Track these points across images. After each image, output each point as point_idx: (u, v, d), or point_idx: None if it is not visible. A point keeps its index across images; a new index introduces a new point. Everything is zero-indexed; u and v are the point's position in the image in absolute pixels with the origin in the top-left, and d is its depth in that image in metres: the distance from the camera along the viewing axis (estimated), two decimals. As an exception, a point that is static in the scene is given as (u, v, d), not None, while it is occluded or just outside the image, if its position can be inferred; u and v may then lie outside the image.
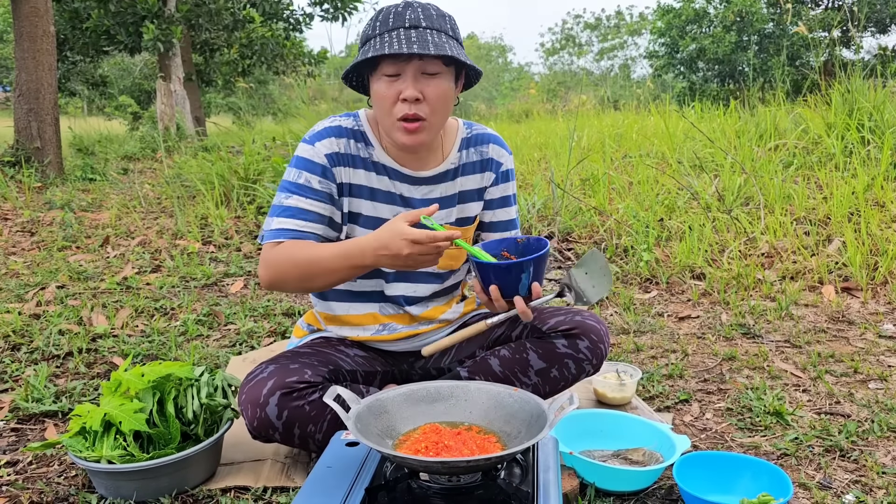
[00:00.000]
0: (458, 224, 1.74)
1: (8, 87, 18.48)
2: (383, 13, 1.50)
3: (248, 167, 5.23)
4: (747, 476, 1.54)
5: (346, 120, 1.65)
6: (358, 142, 1.63)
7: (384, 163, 1.64)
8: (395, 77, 1.49)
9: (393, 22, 1.47)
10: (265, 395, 1.50)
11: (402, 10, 1.49)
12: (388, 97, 1.50)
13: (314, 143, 1.60)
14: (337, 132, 1.62)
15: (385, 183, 1.65)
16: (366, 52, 1.47)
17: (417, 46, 1.42)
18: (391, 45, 1.43)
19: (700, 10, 15.60)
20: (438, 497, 1.19)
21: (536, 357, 1.66)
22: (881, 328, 2.66)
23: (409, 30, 1.46)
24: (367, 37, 1.52)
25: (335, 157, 1.60)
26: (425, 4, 1.51)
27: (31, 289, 3.27)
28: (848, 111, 4.81)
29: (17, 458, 1.80)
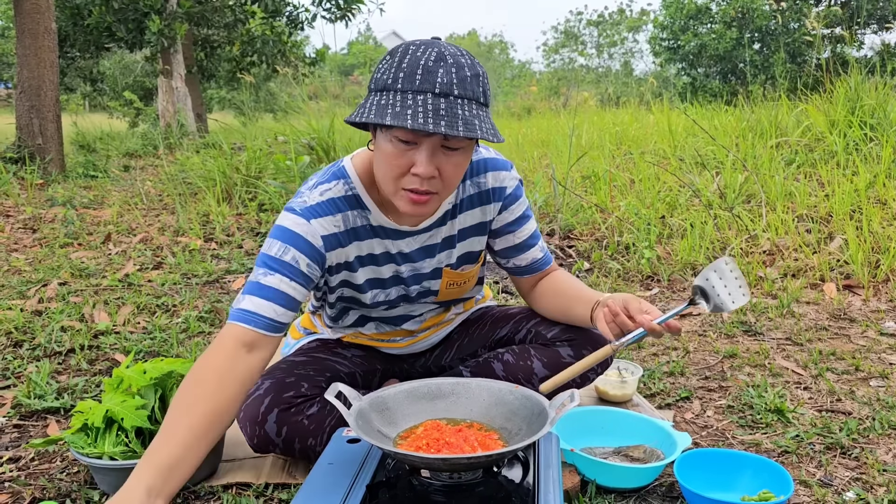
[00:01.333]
0: (458, 265, 1.62)
1: (9, 84, 18.49)
2: (409, 62, 1.23)
3: (249, 164, 5.23)
4: (748, 473, 1.55)
5: (337, 186, 1.45)
6: (354, 209, 1.46)
7: (382, 225, 1.49)
8: (409, 144, 1.27)
9: (420, 82, 1.22)
10: (263, 412, 1.49)
11: (432, 67, 1.22)
12: (398, 165, 1.29)
13: (310, 220, 1.40)
14: (335, 208, 1.43)
15: (385, 245, 1.52)
16: (382, 110, 1.22)
17: (445, 124, 1.20)
18: (415, 117, 1.19)
19: (702, 5, 15.57)
20: (440, 494, 1.19)
21: (541, 366, 1.64)
22: (882, 326, 2.66)
23: (439, 98, 1.21)
24: (384, 85, 1.25)
25: (332, 240, 1.43)
26: (458, 58, 1.25)
27: (33, 286, 3.28)
28: (850, 108, 4.80)
29: (20, 454, 1.80)
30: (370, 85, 1.30)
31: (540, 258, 1.68)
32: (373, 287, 1.57)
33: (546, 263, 1.70)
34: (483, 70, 1.30)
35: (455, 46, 1.30)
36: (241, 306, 1.35)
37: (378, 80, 1.27)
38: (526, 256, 1.67)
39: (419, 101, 1.21)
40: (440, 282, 1.63)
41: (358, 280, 1.54)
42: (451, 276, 1.63)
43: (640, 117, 7.58)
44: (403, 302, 1.65)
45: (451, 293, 1.68)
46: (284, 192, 4.80)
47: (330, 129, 5.28)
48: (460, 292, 1.71)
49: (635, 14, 29.59)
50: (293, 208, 1.42)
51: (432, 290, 1.64)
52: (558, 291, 1.67)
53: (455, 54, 1.26)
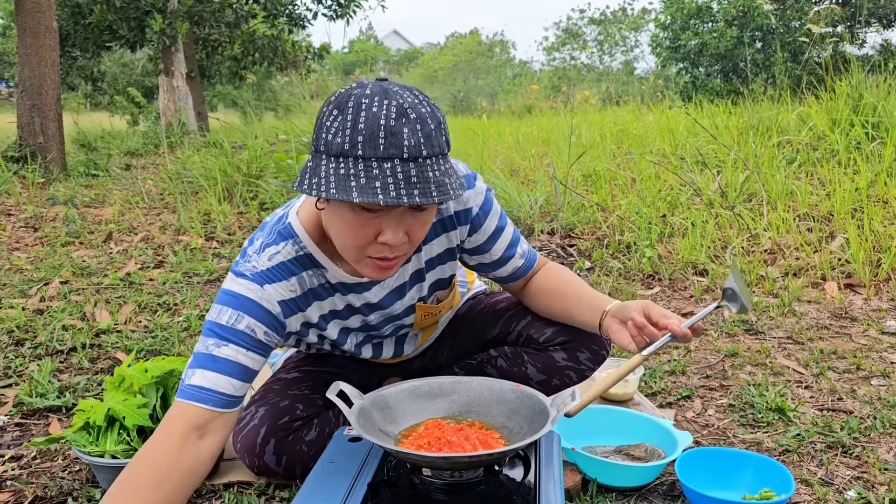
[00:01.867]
0: (431, 292, 1.52)
1: (10, 83, 18.50)
2: (367, 122, 1.07)
3: (251, 163, 5.23)
4: (749, 472, 1.55)
5: (286, 248, 1.30)
6: (308, 269, 1.33)
7: (343, 281, 1.37)
8: (375, 212, 1.14)
9: (385, 146, 1.07)
10: (260, 444, 1.49)
11: (395, 127, 1.07)
12: (362, 235, 1.16)
13: (263, 286, 1.27)
14: (287, 271, 1.30)
15: (348, 299, 1.41)
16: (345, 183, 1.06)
17: (419, 192, 1.07)
18: (386, 191, 1.05)
19: (703, 4, 15.55)
20: (441, 493, 1.19)
21: (535, 371, 1.61)
22: (884, 325, 2.66)
23: (408, 163, 1.07)
24: (340, 150, 1.08)
25: (291, 305, 1.32)
26: (418, 108, 1.10)
27: (35, 284, 3.28)
28: (852, 107, 4.80)
29: (22, 452, 1.80)
30: (318, 145, 1.12)
31: (521, 266, 1.56)
32: (347, 334, 1.50)
33: (528, 268, 1.58)
34: (441, 113, 1.16)
35: (407, 90, 1.13)
36: (191, 382, 1.21)
37: (330, 143, 1.09)
38: (506, 269, 1.55)
39: (387, 170, 1.07)
40: (414, 316, 1.55)
41: (332, 335, 1.46)
42: (425, 309, 1.55)
43: (640, 116, 7.58)
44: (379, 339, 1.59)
45: (428, 321, 1.60)
46: (285, 191, 4.80)
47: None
48: (438, 316, 1.62)
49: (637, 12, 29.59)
50: (242, 273, 1.28)
51: (406, 324, 1.56)
52: (555, 292, 1.57)
53: (414, 104, 1.10)
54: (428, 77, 33.22)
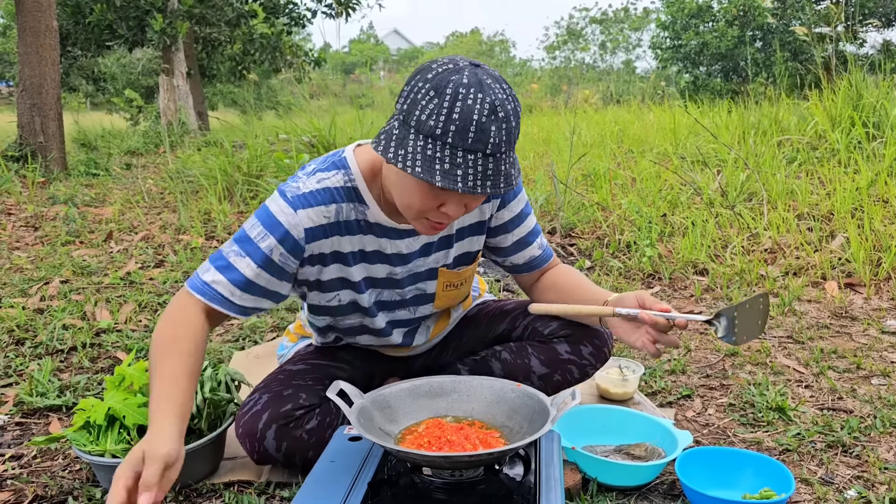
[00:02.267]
0: (455, 265, 1.58)
1: (11, 83, 18.50)
2: (461, 113, 1.16)
3: (251, 162, 5.23)
4: (749, 471, 1.55)
5: (335, 177, 1.39)
6: (350, 202, 1.41)
7: (379, 222, 1.44)
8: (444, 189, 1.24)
9: (473, 140, 1.17)
10: (261, 428, 1.50)
11: (486, 124, 1.17)
12: (428, 203, 1.27)
13: (297, 210, 1.36)
14: (328, 198, 1.38)
15: (380, 243, 1.47)
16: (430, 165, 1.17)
17: (491, 184, 1.20)
18: (466, 180, 1.17)
19: (704, 4, 15.55)
20: (441, 492, 1.19)
21: (539, 363, 1.64)
22: (884, 324, 2.65)
23: (488, 158, 1.18)
24: (431, 132, 1.17)
25: (316, 232, 1.39)
26: (506, 105, 1.20)
27: (35, 284, 3.28)
28: (852, 106, 4.79)
29: (22, 452, 1.80)
30: (409, 120, 1.20)
31: (538, 255, 1.65)
32: (369, 286, 1.53)
33: (545, 260, 1.67)
34: (520, 106, 1.25)
35: (498, 82, 1.21)
36: (204, 278, 1.38)
37: (423, 122, 1.18)
38: (524, 254, 1.63)
39: (469, 161, 1.18)
40: (436, 283, 1.59)
41: (355, 277, 1.49)
42: (447, 277, 1.59)
43: (641, 116, 7.57)
44: (399, 308, 1.61)
45: (449, 296, 1.64)
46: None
47: (331, 126, 5.28)
48: (457, 296, 1.68)
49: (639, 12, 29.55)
50: (284, 193, 1.38)
51: (428, 292, 1.60)
52: (561, 288, 1.64)
53: (503, 101, 1.19)
54: (428, 76, 33.15)
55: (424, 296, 1.61)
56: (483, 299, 1.89)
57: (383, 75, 36.60)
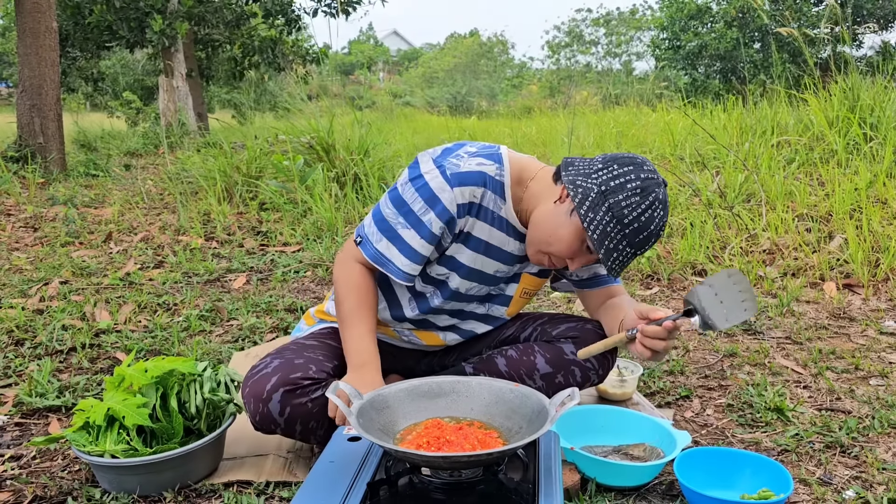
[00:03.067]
0: (538, 275, 1.71)
1: (10, 83, 18.49)
2: (647, 219, 1.40)
3: (250, 163, 5.23)
4: (748, 472, 1.55)
5: (491, 166, 1.53)
6: (495, 193, 1.54)
7: (509, 219, 1.57)
8: (586, 251, 1.47)
9: (640, 241, 1.41)
10: (268, 390, 1.51)
11: (653, 234, 1.43)
12: (567, 251, 1.46)
13: (454, 188, 1.48)
14: (480, 181, 1.51)
15: (501, 239, 1.59)
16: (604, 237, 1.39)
17: (618, 272, 1.45)
18: (615, 263, 1.42)
19: (703, 5, 15.56)
20: (440, 492, 1.20)
21: (544, 361, 1.65)
22: (882, 325, 2.66)
23: (635, 256, 1.44)
24: (621, 218, 1.39)
25: (467, 208, 1.52)
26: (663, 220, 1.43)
27: (35, 284, 3.28)
28: (849, 107, 4.80)
29: (21, 452, 1.81)
30: (609, 198, 1.39)
31: (602, 274, 1.71)
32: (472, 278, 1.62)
33: (607, 281, 1.72)
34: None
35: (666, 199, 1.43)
36: (378, 248, 1.54)
37: (620, 208, 1.39)
38: (589, 268, 1.70)
39: (626, 253, 1.42)
40: (516, 287, 1.69)
41: (461, 256, 1.58)
42: (527, 283, 1.70)
43: (640, 117, 7.58)
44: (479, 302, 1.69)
45: (520, 304, 1.74)
46: (284, 192, 4.80)
47: (329, 128, 5.28)
48: (524, 306, 1.77)
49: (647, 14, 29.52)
50: (443, 169, 1.50)
51: (506, 294, 1.70)
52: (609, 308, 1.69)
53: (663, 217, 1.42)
54: (427, 78, 33.21)
55: (502, 297, 1.71)
56: None
57: (382, 76, 36.60)
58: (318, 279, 3.43)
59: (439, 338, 1.76)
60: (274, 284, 3.34)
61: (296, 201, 4.68)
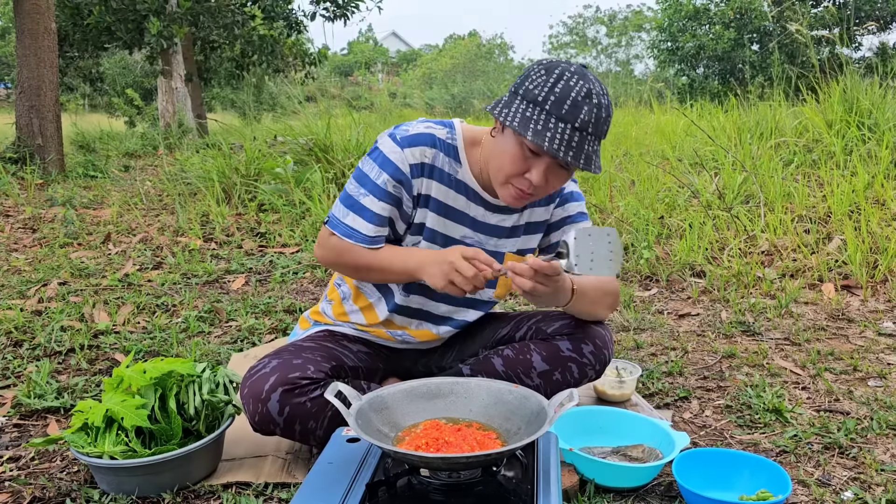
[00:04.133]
0: (518, 254, 1.72)
1: (9, 84, 18.48)
2: (562, 90, 1.38)
3: (248, 164, 5.23)
4: (746, 473, 1.55)
5: (440, 130, 1.59)
6: (448, 156, 1.59)
7: (467, 182, 1.60)
8: (534, 155, 1.43)
9: (566, 112, 1.37)
10: (267, 390, 1.51)
11: (580, 102, 1.38)
12: (516, 166, 1.45)
13: (403, 148, 1.55)
14: (430, 141, 1.57)
15: (461, 202, 1.62)
16: (526, 123, 1.38)
17: (573, 155, 1.38)
18: (552, 142, 1.37)
19: (701, 6, 15.58)
20: (439, 493, 1.20)
21: (540, 359, 1.65)
22: (881, 326, 2.66)
23: (576, 131, 1.38)
24: (534, 98, 1.39)
25: (419, 168, 1.57)
26: (601, 98, 1.41)
27: (33, 285, 3.28)
28: (847, 108, 4.80)
29: (20, 453, 1.80)
30: (518, 89, 1.43)
31: None
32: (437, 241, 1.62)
33: None
34: (612, 110, 1.46)
35: (599, 83, 1.43)
36: (346, 221, 1.58)
37: (529, 90, 1.41)
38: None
39: (559, 128, 1.38)
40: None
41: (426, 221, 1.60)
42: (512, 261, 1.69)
43: (639, 118, 7.59)
44: None
45: (507, 286, 1.73)
46: (281, 194, 4.80)
47: (327, 129, 5.28)
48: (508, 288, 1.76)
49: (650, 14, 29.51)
50: (394, 136, 1.58)
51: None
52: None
53: (599, 93, 1.41)
54: (426, 79, 33.22)
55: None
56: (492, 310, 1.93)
57: (381, 77, 36.60)
58: (317, 280, 3.43)
59: (432, 332, 1.76)
60: (273, 286, 3.34)
61: (294, 202, 4.68)
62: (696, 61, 15.65)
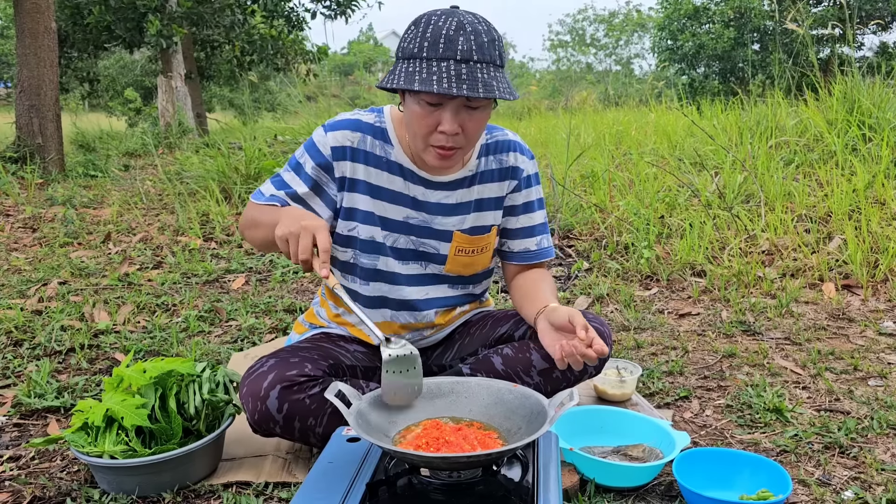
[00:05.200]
0: (471, 233, 1.70)
1: (9, 84, 18.47)
2: (432, 33, 1.38)
3: (248, 164, 5.23)
4: (747, 472, 1.55)
5: (368, 115, 1.63)
6: (377, 139, 1.61)
7: (401, 163, 1.62)
8: (435, 106, 1.43)
9: (443, 50, 1.37)
10: (265, 388, 1.51)
11: (453, 36, 1.37)
12: (425, 124, 1.45)
13: (326, 133, 1.60)
14: (355, 126, 1.60)
15: (398, 184, 1.62)
16: (411, 76, 1.38)
17: (467, 87, 1.36)
18: (440, 83, 1.35)
19: (701, 5, 15.57)
20: (439, 493, 1.20)
21: (539, 357, 1.65)
22: (881, 325, 2.66)
23: (460, 64, 1.36)
24: (411, 53, 1.40)
25: (341, 151, 1.59)
26: (475, 25, 1.40)
27: (33, 285, 3.28)
28: (848, 108, 4.80)
29: (20, 453, 1.80)
30: (397, 53, 1.45)
31: (532, 250, 1.77)
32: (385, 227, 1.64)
33: (535, 258, 1.78)
34: (498, 34, 1.44)
35: (472, 14, 1.43)
36: (264, 191, 1.62)
37: (405, 49, 1.42)
38: (521, 243, 1.76)
39: (443, 68, 1.37)
40: (450, 246, 1.69)
41: (358, 204, 1.62)
42: (460, 241, 1.69)
43: (639, 117, 7.58)
44: (413, 260, 1.69)
45: (460, 262, 1.72)
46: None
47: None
48: (469, 267, 1.74)
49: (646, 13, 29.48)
50: (324, 124, 1.62)
51: (441, 252, 1.69)
52: (521, 287, 1.74)
53: (472, 22, 1.40)
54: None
55: (437, 256, 1.70)
56: (488, 309, 1.93)
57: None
58: (317, 280, 3.43)
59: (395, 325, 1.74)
60: (273, 285, 3.34)
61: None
62: (697, 61, 15.64)
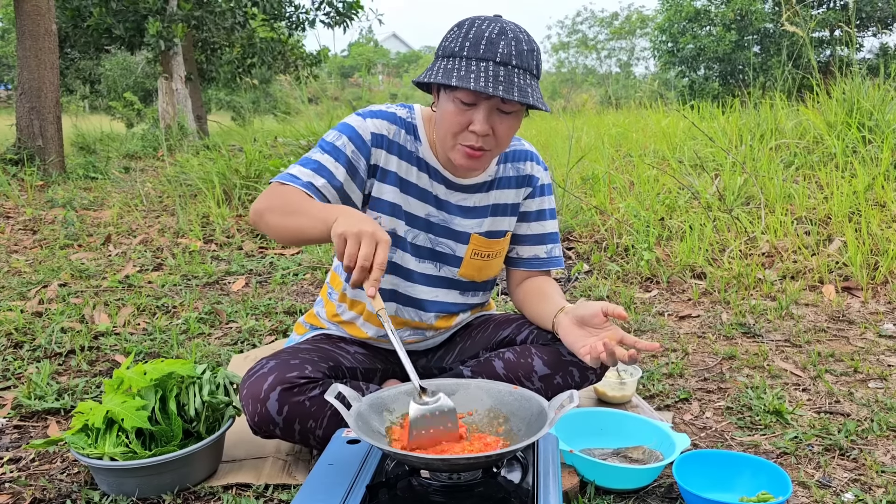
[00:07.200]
0: (486, 236, 1.72)
1: (10, 86, 18.50)
2: (475, 33, 1.42)
3: (249, 166, 5.24)
4: (747, 474, 1.55)
5: (401, 110, 1.65)
6: (408, 134, 1.64)
7: (428, 161, 1.64)
8: (469, 105, 1.45)
9: (484, 51, 1.41)
10: (265, 390, 1.51)
11: (495, 39, 1.41)
12: (457, 122, 1.48)
13: (366, 119, 1.61)
14: (391, 118, 1.62)
15: (424, 180, 1.65)
16: (449, 73, 1.41)
17: (503, 89, 1.39)
18: (478, 81, 1.38)
19: (702, 8, 15.59)
20: (439, 494, 1.20)
21: (541, 363, 1.64)
22: (881, 328, 2.66)
23: (499, 66, 1.40)
24: (451, 52, 1.44)
25: (379, 139, 1.61)
26: (517, 33, 1.44)
27: (34, 287, 3.28)
28: (848, 110, 4.80)
29: (20, 455, 1.80)
30: (437, 52, 1.48)
31: (541, 258, 1.79)
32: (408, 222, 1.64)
33: (544, 265, 1.80)
34: (538, 47, 1.48)
35: (515, 24, 1.47)
36: (288, 171, 1.56)
37: (446, 47, 1.46)
38: (530, 249, 1.79)
39: (482, 68, 1.40)
40: (466, 248, 1.71)
41: (385, 195, 1.62)
42: (477, 244, 1.71)
43: (639, 119, 7.59)
44: (429, 259, 1.70)
45: (474, 266, 1.73)
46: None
47: (328, 130, 5.29)
48: (482, 272, 1.76)
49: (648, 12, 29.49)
50: (359, 112, 1.63)
51: (457, 254, 1.71)
52: (530, 290, 1.76)
53: (515, 30, 1.44)
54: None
55: (453, 257, 1.71)
56: (490, 312, 1.93)
57: (382, 79, 36.61)
58: (317, 282, 3.43)
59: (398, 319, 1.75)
60: (273, 287, 3.34)
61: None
62: (697, 63, 15.65)
